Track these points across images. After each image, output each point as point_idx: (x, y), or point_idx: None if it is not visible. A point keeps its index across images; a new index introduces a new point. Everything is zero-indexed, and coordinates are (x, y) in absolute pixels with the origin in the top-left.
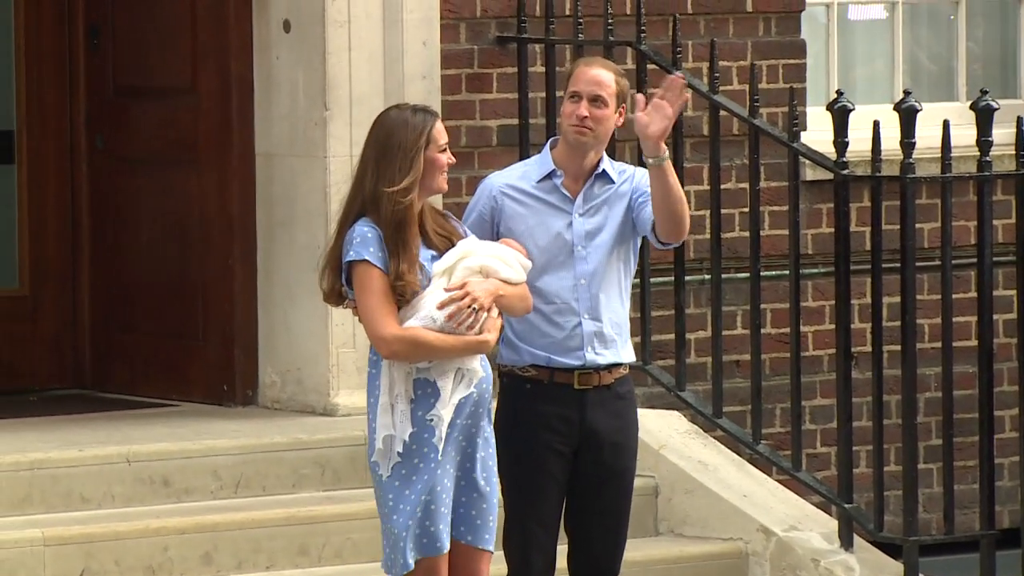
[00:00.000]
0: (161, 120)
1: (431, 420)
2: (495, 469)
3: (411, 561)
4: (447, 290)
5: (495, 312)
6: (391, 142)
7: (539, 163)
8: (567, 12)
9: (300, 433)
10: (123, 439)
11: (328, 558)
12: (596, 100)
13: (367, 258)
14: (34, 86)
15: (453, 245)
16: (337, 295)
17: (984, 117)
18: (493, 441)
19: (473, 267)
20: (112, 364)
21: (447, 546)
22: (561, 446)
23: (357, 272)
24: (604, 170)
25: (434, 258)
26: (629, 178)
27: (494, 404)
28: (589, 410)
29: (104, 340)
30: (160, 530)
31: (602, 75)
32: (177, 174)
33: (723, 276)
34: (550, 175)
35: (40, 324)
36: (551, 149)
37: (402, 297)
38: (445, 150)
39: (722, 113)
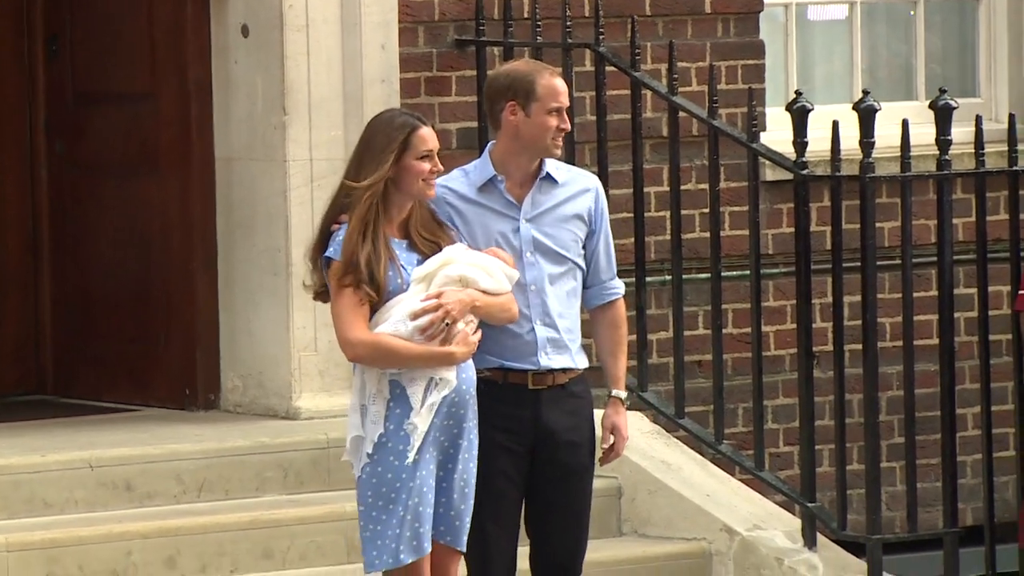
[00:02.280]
0: (121, 126)
1: (407, 428)
2: (474, 468)
3: (404, 558)
4: (423, 300)
5: (472, 324)
6: (371, 142)
7: (479, 168)
8: (525, 15)
9: (263, 436)
10: (86, 444)
11: (293, 561)
12: (567, 110)
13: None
14: None
15: (440, 251)
16: (326, 294)
17: (943, 116)
18: (477, 442)
19: (453, 276)
20: (75, 370)
21: (429, 547)
22: (515, 445)
23: (332, 270)
24: (548, 173)
25: (419, 263)
26: (581, 193)
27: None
28: (543, 409)
29: (67, 346)
30: (123, 535)
31: (563, 84)
32: (138, 179)
33: (684, 277)
34: (491, 180)
35: (2, 331)
36: (490, 155)
37: (360, 292)
38: (425, 157)
39: (681, 114)
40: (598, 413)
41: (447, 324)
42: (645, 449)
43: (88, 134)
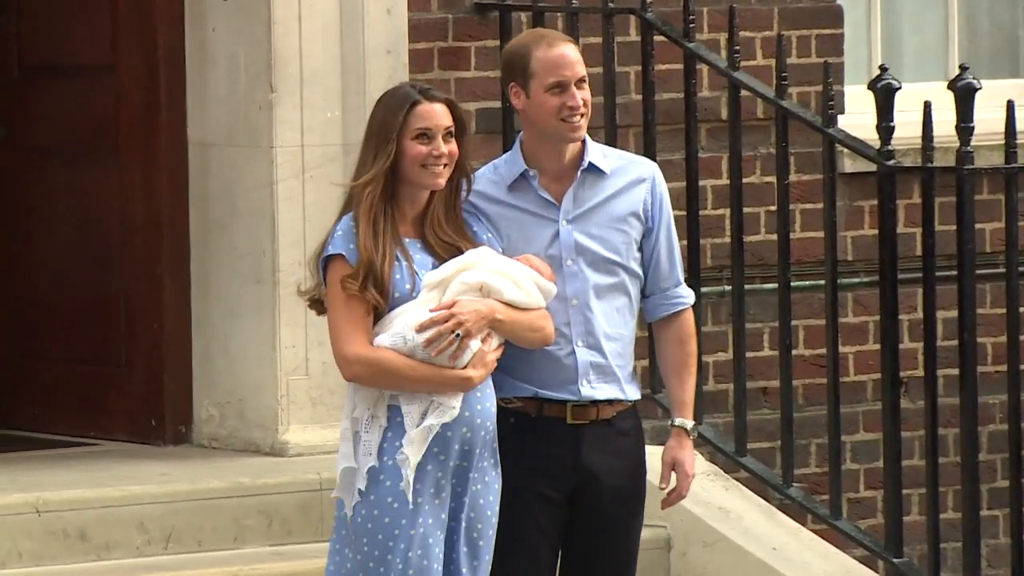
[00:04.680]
0: (75, 104)
1: (398, 459)
2: (494, 520)
3: None
4: (433, 309)
5: (492, 342)
6: (371, 126)
7: (509, 163)
8: None
9: (242, 477)
10: (31, 485)
11: None
12: (581, 82)
13: (343, 253)
14: None
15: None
16: (321, 303)
17: None
18: (497, 486)
19: (471, 283)
20: (18, 396)
21: None
22: (552, 491)
23: (331, 271)
24: (591, 163)
25: (434, 267)
26: (634, 184)
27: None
28: (585, 448)
29: (8, 367)
30: None
31: (570, 51)
32: (95, 168)
33: (746, 287)
34: (523, 176)
35: None
36: (521, 146)
37: (363, 299)
38: (421, 136)
39: (744, 93)
40: (652, 451)
41: (458, 337)
42: (699, 493)
43: (36, 114)
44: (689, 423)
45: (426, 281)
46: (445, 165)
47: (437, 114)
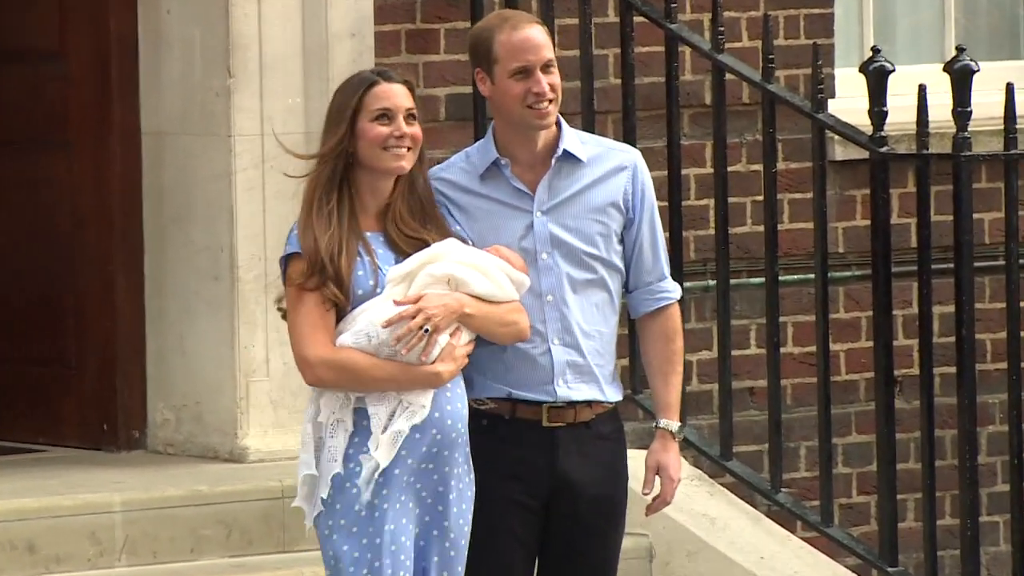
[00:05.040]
0: (20, 92)
1: (362, 461)
2: (467, 529)
3: None
4: (398, 303)
5: (462, 337)
6: (328, 113)
7: (481, 151)
8: None
9: (200, 484)
10: None
11: None
12: (547, 66)
13: (299, 250)
14: None
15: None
16: None
17: None
18: (470, 493)
19: (438, 275)
20: None
21: None
22: (526, 498)
23: (289, 271)
24: (566, 150)
25: (397, 262)
26: (614, 173)
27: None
28: (561, 453)
29: None
30: None
31: (535, 34)
32: (42, 159)
33: (732, 282)
34: (495, 165)
35: None
36: (493, 133)
37: (323, 296)
38: (381, 117)
39: (728, 77)
40: (633, 456)
41: (426, 332)
42: (683, 500)
43: None
44: (675, 425)
45: (390, 275)
46: (409, 149)
47: (396, 94)
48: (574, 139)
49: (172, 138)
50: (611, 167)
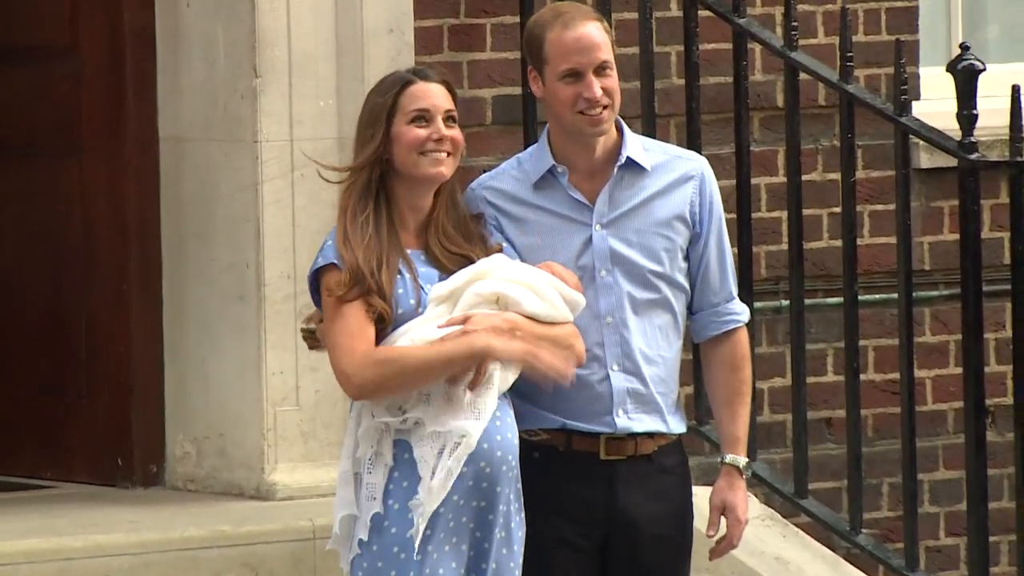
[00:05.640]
0: (28, 92)
1: (411, 506)
2: (517, 573)
3: None
4: (442, 325)
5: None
6: (361, 116)
7: (535, 157)
8: None
9: (224, 524)
10: None
11: None
12: (602, 68)
13: (336, 262)
14: None
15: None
16: (313, 333)
17: None
18: (521, 533)
19: (485, 293)
20: None
21: None
22: (581, 539)
23: (324, 284)
24: (629, 157)
25: (441, 280)
26: (680, 183)
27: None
28: (621, 488)
29: None
30: None
31: (592, 31)
32: (52, 165)
33: (807, 302)
34: (550, 173)
35: None
36: (548, 138)
37: (365, 307)
38: (418, 119)
39: (803, 77)
40: (699, 493)
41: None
42: (753, 542)
43: None
44: (742, 460)
45: (433, 294)
46: (449, 154)
47: (434, 94)
48: (637, 145)
49: (193, 144)
50: (676, 176)
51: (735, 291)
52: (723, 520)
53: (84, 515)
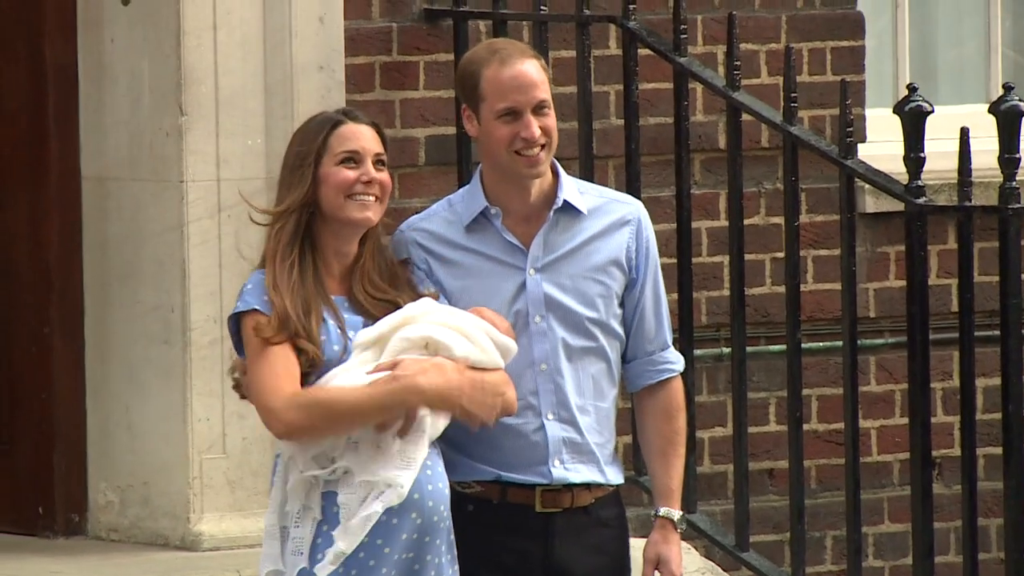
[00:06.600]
0: None
1: (327, 552)
2: None
3: None
4: (371, 372)
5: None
6: (286, 158)
7: (467, 199)
8: None
9: (147, 575)
10: None
11: None
12: (541, 107)
13: (258, 307)
14: None
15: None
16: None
17: None
18: None
19: (414, 338)
20: None
21: None
22: None
23: (244, 329)
24: (566, 200)
25: (365, 327)
26: (616, 227)
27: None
28: (557, 542)
29: None
30: None
31: (530, 69)
32: None
33: (749, 349)
34: (483, 215)
35: None
36: (481, 178)
37: (291, 349)
38: (347, 161)
39: (745, 118)
40: (637, 545)
41: None
42: None
43: None
44: (676, 513)
45: (358, 340)
46: (376, 198)
47: (364, 136)
48: (573, 188)
49: (117, 184)
50: (613, 220)
51: (670, 339)
52: (657, 574)
53: (3, 565)
